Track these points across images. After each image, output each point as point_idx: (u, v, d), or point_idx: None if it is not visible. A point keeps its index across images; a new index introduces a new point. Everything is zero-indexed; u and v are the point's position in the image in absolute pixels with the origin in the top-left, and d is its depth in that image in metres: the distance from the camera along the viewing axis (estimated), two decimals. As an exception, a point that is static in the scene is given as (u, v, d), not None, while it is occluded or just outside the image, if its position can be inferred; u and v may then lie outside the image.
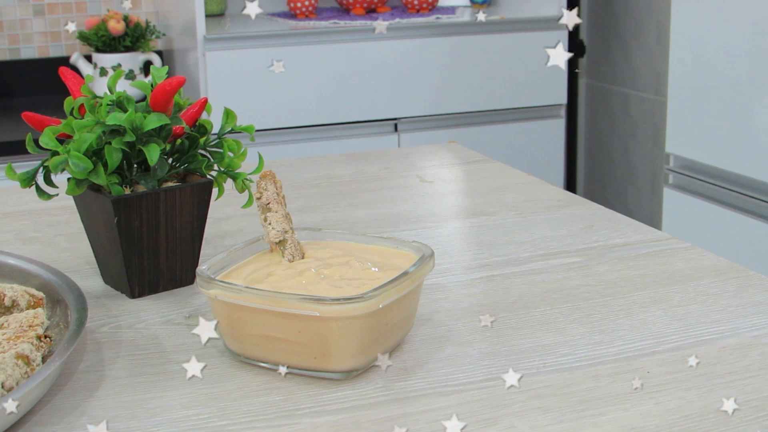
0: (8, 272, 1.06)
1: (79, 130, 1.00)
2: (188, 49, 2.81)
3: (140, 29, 2.89)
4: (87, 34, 2.88)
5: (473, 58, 2.90)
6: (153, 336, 0.97)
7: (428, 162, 1.64)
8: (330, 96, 2.79)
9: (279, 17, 3.06)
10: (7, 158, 2.49)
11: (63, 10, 3.09)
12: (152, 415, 0.82)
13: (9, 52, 3.06)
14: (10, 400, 0.75)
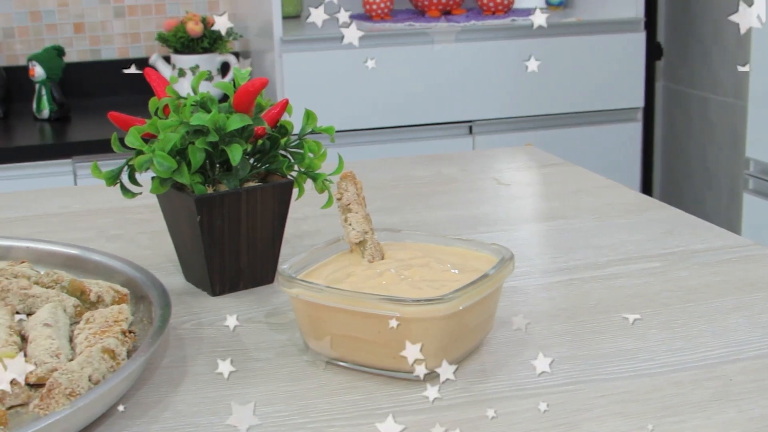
0: (93, 268, 1.08)
1: (163, 129, 1.02)
2: (265, 51, 2.84)
3: (218, 31, 2.92)
4: (166, 36, 2.92)
5: (549, 61, 2.89)
6: (234, 334, 0.98)
7: (505, 164, 1.64)
8: (405, 98, 2.80)
9: (355, 19, 3.07)
10: (91, 156, 2.53)
11: (142, 12, 3.13)
12: (231, 412, 0.83)
13: (90, 53, 3.11)
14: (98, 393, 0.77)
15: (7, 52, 3.04)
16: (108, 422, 0.82)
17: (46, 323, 0.92)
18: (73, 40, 3.09)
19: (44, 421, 0.75)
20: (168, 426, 0.81)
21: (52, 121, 2.80)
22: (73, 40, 3.09)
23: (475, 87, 2.85)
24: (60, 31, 3.08)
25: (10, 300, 1.00)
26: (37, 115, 2.82)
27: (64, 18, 3.07)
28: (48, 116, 2.80)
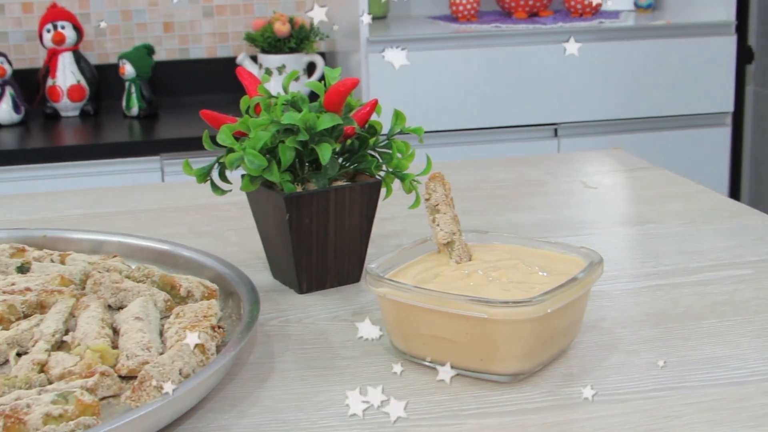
0: (183, 264, 1.10)
1: (254, 128, 1.03)
2: (351, 51, 2.85)
3: (305, 31, 2.94)
4: (253, 36, 2.95)
5: (637, 64, 2.86)
6: (320, 331, 0.99)
7: (591, 168, 1.63)
8: (490, 99, 2.79)
9: (441, 20, 3.07)
10: (178, 154, 2.57)
11: (231, 11, 3.17)
12: (320, 408, 0.84)
13: (179, 52, 3.15)
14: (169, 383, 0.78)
15: (98, 50, 3.10)
16: (197, 415, 0.83)
17: (138, 317, 0.94)
18: (163, 39, 3.13)
19: (136, 413, 0.76)
20: (256, 421, 0.82)
21: (140, 118, 2.84)
22: (163, 39, 3.13)
23: (561, 89, 2.83)
24: (150, 30, 3.13)
25: (103, 293, 1.02)
26: (127, 112, 2.87)
27: (154, 17, 3.12)
28: (137, 114, 2.85)
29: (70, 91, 2.86)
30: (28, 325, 0.95)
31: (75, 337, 0.92)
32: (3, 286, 1.03)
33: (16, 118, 2.79)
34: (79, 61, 2.89)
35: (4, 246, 1.14)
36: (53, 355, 0.89)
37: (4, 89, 2.77)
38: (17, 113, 2.79)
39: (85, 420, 0.76)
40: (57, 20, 2.85)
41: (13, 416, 0.75)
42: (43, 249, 1.15)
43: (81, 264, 1.09)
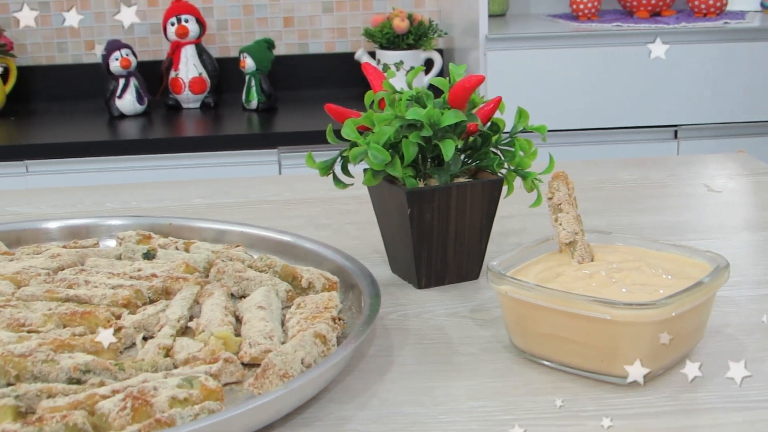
0: (304, 255, 1.11)
1: (378, 123, 1.04)
2: (469, 49, 2.84)
3: (423, 27, 2.94)
4: (372, 31, 2.96)
5: (761, 66, 2.79)
6: (439, 327, 0.99)
7: (715, 171, 1.60)
8: (609, 100, 2.76)
9: (561, 18, 3.04)
10: (296, 147, 2.60)
11: (350, 7, 3.19)
12: (439, 403, 0.84)
13: (298, 46, 3.19)
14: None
15: (220, 44, 3.15)
16: (317, 405, 0.84)
17: (260, 306, 0.96)
18: (283, 34, 3.17)
19: (258, 400, 0.77)
20: (375, 413, 0.83)
21: (259, 111, 2.88)
22: (283, 34, 3.17)
23: (683, 90, 2.77)
24: (270, 24, 3.17)
25: (226, 281, 1.04)
26: (246, 105, 2.91)
27: (275, 12, 3.16)
28: (256, 107, 2.89)
29: (191, 83, 2.91)
30: (153, 311, 0.97)
31: (199, 324, 0.94)
32: (130, 272, 1.06)
33: (140, 109, 2.86)
34: (201, 54, 2.94)
35: (131, 233, 1.17)
36: (178, 341, 0.91)
37: (129, 81, 2.84)
38: (140, 104, 2.85)
39: (210, 405, 0.78)
40: (181, 14, 2.90)
41: (141, 398, 0.77)
42: (168, 237, 1.17)
43: (205, 252, 1.11)
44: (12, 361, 0.85)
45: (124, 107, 2.83)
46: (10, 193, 1.62)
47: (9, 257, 1.13)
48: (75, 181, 2.53)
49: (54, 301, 1.00)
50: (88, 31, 3.10)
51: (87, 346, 0.89)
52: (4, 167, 2.55)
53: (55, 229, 1.21)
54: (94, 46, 3.08)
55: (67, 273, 1.07)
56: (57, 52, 3.11)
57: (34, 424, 0.75)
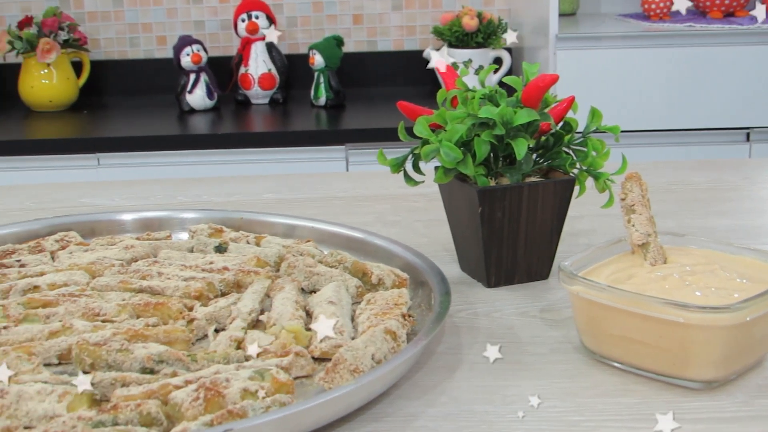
0: (374, 252, 1.11)
1: (451, 120, 1.04)
2: (538, 48, 2.83)
3: (492, 26, 2.94)
4: (441, 29, 2.96)
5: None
6: (508, 326, 0.99)
7: (789, 175, 1.57)
8: (680, 101, 2.72)
9: (632, 18, 3.01)
10: (363, 144, 2.60)
11: (419, 5, 3.19)
12: (508, 402, 0.84)
13: (367, 44, 3.20)
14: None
15: (289, 40, 3.17)
16: (387, 401, 0.84)
17: (331, 301, 0.96)
18: (352, 31, 3.18)
19: (329, 394, 0.78)
20: (444, 410, 0.83)
21: (327, 108, 2.89)
22: (352, 31, 3.18)
23: (756, 93, 2.73)
24: (340, 21, 3.18)
25: (296, 276, 1.05)
26: (314, 101, 2.93)
27: (344, 9, 3.17)
28: (324, 103, 2.90)
29: (261, 79, 2.93)
30: (225, 303, 0.98)
31: (270, 317, 0.95)
32: (202, 265, 1.07)
33: (209, 104, 2.88)
34: (270, 50, 2.97)
35: (203, 226, 1.18)
36: (249, 333, 0.92)
37: (199, 76, 2.86)
38: (210, 99, 2.88)
39: (281, 397, 0.78)
40: (251, 10, 2.93)
41: (213, 389, 0.78)
42: (239, 230, 1.19)
43: (276, 247, 1.12)
44: (87, 350, 0.87)
45: (194, 102, 2.86)
46: (83, 185, 1.64)
47: (84, 248, 1.15)
48: (145, 174, 2.57)
49: (128, 292, 1.01)
50: (159, 26, 3.14)
51: (160, 337, 0.91)
52: (77, 160, 2.60)
53: (128, 221, 1.23)
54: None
55: (140, 264, 1.08)
56: (129, 47, 3.15)
57: (109, 411, 0.76)
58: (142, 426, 0.76)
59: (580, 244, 1.21)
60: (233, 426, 0.73)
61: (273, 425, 0.74)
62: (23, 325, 0.94)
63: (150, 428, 0.76)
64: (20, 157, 2.60)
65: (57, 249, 1.15)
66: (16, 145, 2.62)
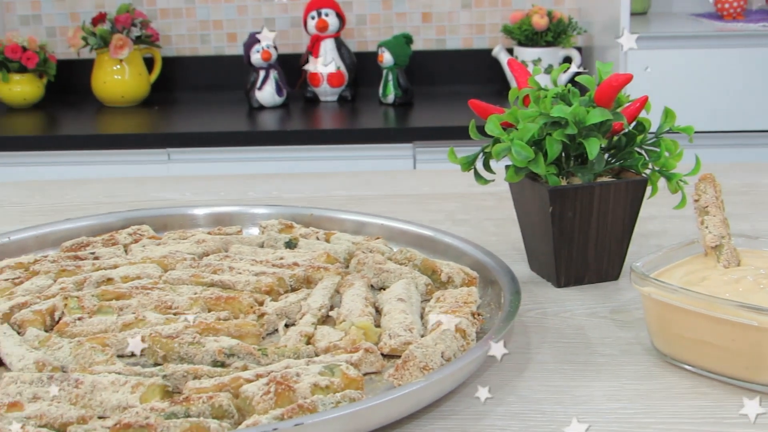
0: (443, 250, 1.11)
1: (523, 119, 1.04)
2: (609, 47, 2.81)
3: (562, 25, 2.92)
4: (510, 28, 2.95)
5: None
6: (578, 326, 0.99)
7: None
8: (753, 102, 2.68)
9: (704, 18, 2.98)
10: (431, 142, 2.60)
11: (489, 3, 3.18)
12: (578, 402, 0.84)
13: (435, 42, 3.19)
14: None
15: (358, 38, 3.18)
16: (455, 399, 0.85)
17: (400, 298, 0.97)
18: (421, 29, 3.18)
19: (399, 391, 0.78)
20: (513, 410, 0.83)
21: (396, 105, 2.90)
22: (421, 29, 3.18)
23: (831, 94, 2.69)
24: (409, 19, 3.18)
25: (366, 273, 1.05)
26: (383, 99, 2.93)
27: (413, 7, 3.17)
28: (393, 101, 2.90)
29: (330, 76, 2.95)
30: (295, 298, 0.99)
31: (340, 313, 0.95)
32: (272, 260, 1.08)
33: (278, 101, 2.90)
34: (340, 47, 2.98)
35: (273, 222, 1.19)
36: (319, 329, 0.93)
37: (269, 73, 2.88)
38: (279, 96, 2.90)
39: (351, 393, 0.79)
40: (321, 8, 2.94)
41: (284, 383, 0.79)
42: (309, 227, 1.19)
43: (345, 243, 1.13)
44: (160, 342, 0.88)
45: (263, 99, 2.88)
46: (155, 180, 1.66)
47: (156, 241, 1.17)
48: (214, 169, 2.59)
49: (199, 286, 1.02)
50: (230, 23, 3.16)
51: (231, 331, 0.92)
52: (147, 155, 2.63)
53: (200, 215, 1.25)
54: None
55: (211, 259, 1.09)
56: (200, 44, 3.18)
57: (182, 403, 0.77)
58: (214, 418, 0.77)
59: (650, 245, 1.20)
60: (304, 420, 0.74)
61: (343, 421, 0.75)
62: (97, 316, 0.96)
63: (221, 420, 0.76)
64: (92, 151, 2.64)
65: (130, 242, 1.17)
66: (89, 140, 2.66)
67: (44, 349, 0.90)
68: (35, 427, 0.76)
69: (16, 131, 2.79)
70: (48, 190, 1.55)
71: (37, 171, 2.62)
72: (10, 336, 0.93)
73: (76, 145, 2.64)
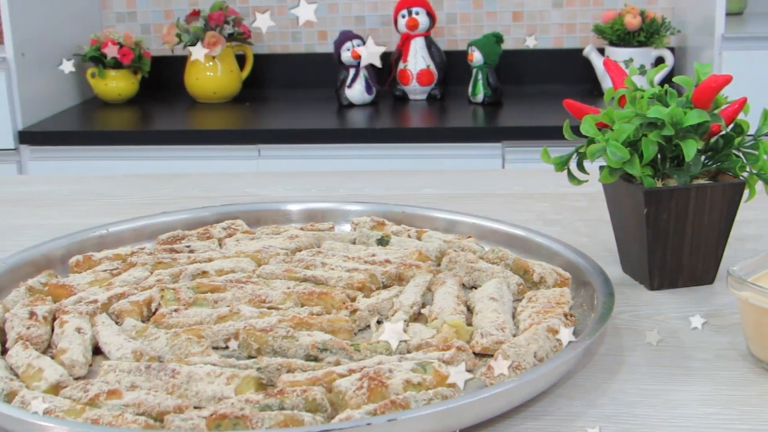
0: (535, 250, 1.11)
1: (619, 120, 1.03)
2: (702, 47, 2.77)
3: (656, 25, 2.88)
4: (602, 28, 2.92)
5: None
6: (671, 330, 0.98)
7: None
8: None
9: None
10: (519, 142, 2.59)
11: (581, 2, 3.15)
12: (671, 407, 0.83)
13: (526, 41, 3.18)
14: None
15: (448, 36, 3.18)
16: (547, 400, 0.84)
17: (492, 297, 0.97)
18: (511, 28, 3.17)
19: (491, 390, 0.78)
20: (605, 412, 0.82)
21: (485, 105, 2.89)
22: (511, 28, 3.17)
23: None
24: (499, 18, 3.17)
25: (458, 271, 1.05)
26: (472, 98, 2.93)
27: (504, 6, 3.16)
28: (482, 100, 2.89)
29: (419, 75, 2.95)
30: (387, 295, 1.00)
31: (432, 311, 0.96)
32: (364, 256, 1.09)
33: (368, 99, 2.92)
34: (430, 46, 2.98)
35: (365, 218, 1.20)
36: (411, 326, 0.93)
37: (359, 71, 2.90)
38: (369, 94, 2.91)
39: (443, 391, 0.79)
40: (412, 6, 2.94)
41: (377, 379, 0.79)
42: (401, 224, 1.20)
43: (437, 241, 1.13)
44: (254, 335, 0.90)
45: (353, 96, 2.90)
46: (247, 175, 1.69)
47: (250, 236, 1.18)
48: (303, 166, 2.62)
49: (292, 281, 1.04)
50: (321, 21, 3.19)
51: (324, 326, 0.93)
52: (238, 150, 2.66)
53: (293, 211, 1.26)
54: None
55: (304, 254, 1.11)
56: (291, 41, 3.21)
57: (276, 396, 0.78)
58: (308, 411, 0.77)
59: (747, 249, 1.18)
60: (396, 416, 0.74)
61: (435, 418, 0.75)
62: (193, 308, 0.98)
63: (315, 414, 0.77)
64: (184, 146, 2.68)
65: (224, 236, 1.19)
66: (181, 135, 2.71)
67: (141, 339, 0.92)
68: (133, 415, 0.78)
69: (110, 126, 2.85)
70: (143, 183, 1.58)
71: (131, 165, 2.68)
72: (108, 325, 0.95)
73: (169, 140, 2.69)
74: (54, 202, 1.49)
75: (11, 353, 0.89)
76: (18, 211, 1.45)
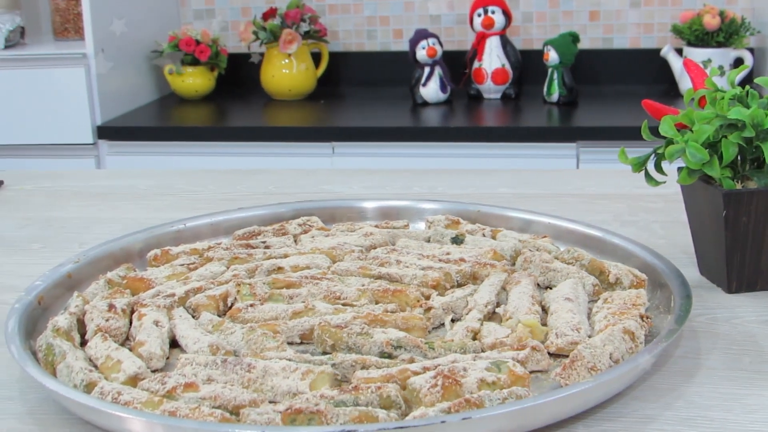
0: (611, 250, 1.10)
1: (698, 121, 1.02)
2: (784, 48, 2.72)
3: (735, 25, 2.84)
4: (680, 28, 2.89)
5: None
6: (749, 333, 0.96)
7: None
8: None
9: None
10: (594, 143, 2.57)
11: (659, 2, 3.11)
12: (749, 411, 0.82)
13: (602, 41, 3.15)
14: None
15: (524, 35, 3.16)
16: (622, 402, 0.84)
17: (568, 297, 0.96)
18: (587, 28, 3.14)
19: (565, 390, 0.78)
20: (681, 415, 0.82)
21: (560, 105, 2.87)
22: (587, 28, 3.14)
23: None
24: (576, 18, 3.15)
25: (532, 271, 1.05)
26: (547, 98, 2.91)
27: (581, 5, 3.14)
28: (557, 100, 2.88)
29: (494, 74, 2.94)
30: (462, 294, 1.00)
31: (506, 311, 0.96)
32: (439, 255, 1.09)
33: (442, 97, 2.91)
34: (505, 45, 2.97)
35: (440, 217, 1.20)
36: (485, 325, 0.93)
37: (434, 69, 2.90)
38: (443, 92, 2.91)
39: (517, 390, 0.79)
40: (488, 5, 2.94)
41: (451, 377, 0.80)
42: (476, 223, 1.20)
43: (512, 241, 1.13)
44: (329, 331, 0.90)
45: (427, 95, 2.90)
46: (322, 172, 1.70)
47: (325, 233, 1.19)
48: (377, 164, 2.62)
49: (367, 278, 1.04)
50: (396, 19, 3.19)
51: (398, 323, 0.93)
52: (313, 147, 2.68)
53: (368, 208, 1.27)
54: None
55: (379, 252, 1.11)
56: (366, 39, 3.22)
57: (351, 392, 0.79)
58: (382, 408, 0.78)
59: (828, 253, 1.16)
60: (471, 415, 0.74)
61: (509, 417, 0.75)
62: (268, 304, 0.99)
63: (389, 411, 0.78)
64: (260, 143, 2.70)
65: (300, 233, 1.20)
66: (256, 132, 2.73)
67: (218, 333, 0.93)
68: (210, 408, 0.79)
69: (187, 122, 2.88)
70: (220, 179, 1.60)
71: (207, 161, 2.71)
72: (185, 319, 0.97)
73: (244, 136, 2.72)
74: (133, 196, 1.51)
75: (90, 345, 0.91)
76: (98, 204, 1.47)
